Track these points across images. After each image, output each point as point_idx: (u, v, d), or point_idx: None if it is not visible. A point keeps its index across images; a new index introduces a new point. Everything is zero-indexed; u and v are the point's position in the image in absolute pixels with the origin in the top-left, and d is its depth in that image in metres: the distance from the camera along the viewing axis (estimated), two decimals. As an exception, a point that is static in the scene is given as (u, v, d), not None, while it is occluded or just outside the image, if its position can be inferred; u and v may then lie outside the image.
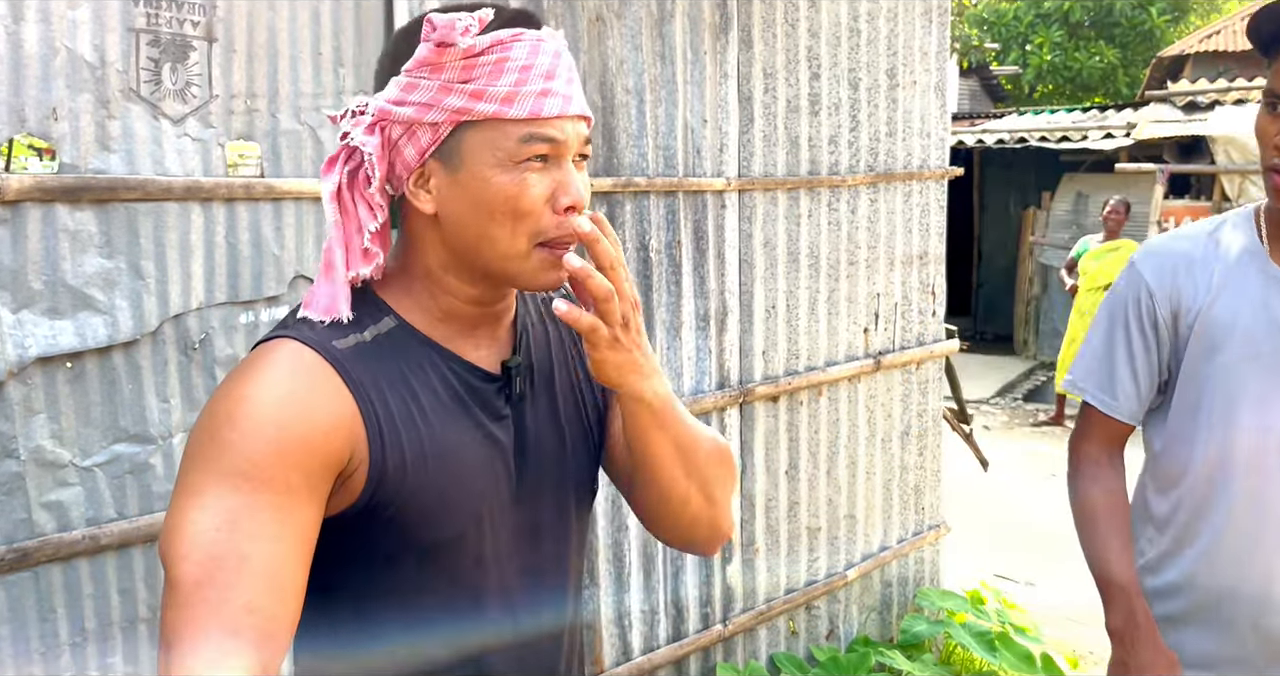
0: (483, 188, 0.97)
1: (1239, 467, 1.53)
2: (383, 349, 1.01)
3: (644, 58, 2.68)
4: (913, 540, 3.81)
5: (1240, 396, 1.52)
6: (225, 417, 0.92)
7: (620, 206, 2.67)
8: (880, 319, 3.54)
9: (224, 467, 0.90)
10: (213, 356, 1.98)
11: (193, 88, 1.91)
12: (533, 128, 0.96)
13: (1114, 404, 1.64)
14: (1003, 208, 12.82)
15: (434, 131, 0.96)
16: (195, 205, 1.93)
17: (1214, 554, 1.56)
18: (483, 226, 0.98)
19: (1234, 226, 1.58)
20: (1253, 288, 1.51)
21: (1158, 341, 1.59)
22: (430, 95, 0.95)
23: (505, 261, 1.00)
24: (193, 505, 0.89)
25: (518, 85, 0.95)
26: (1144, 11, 18.21)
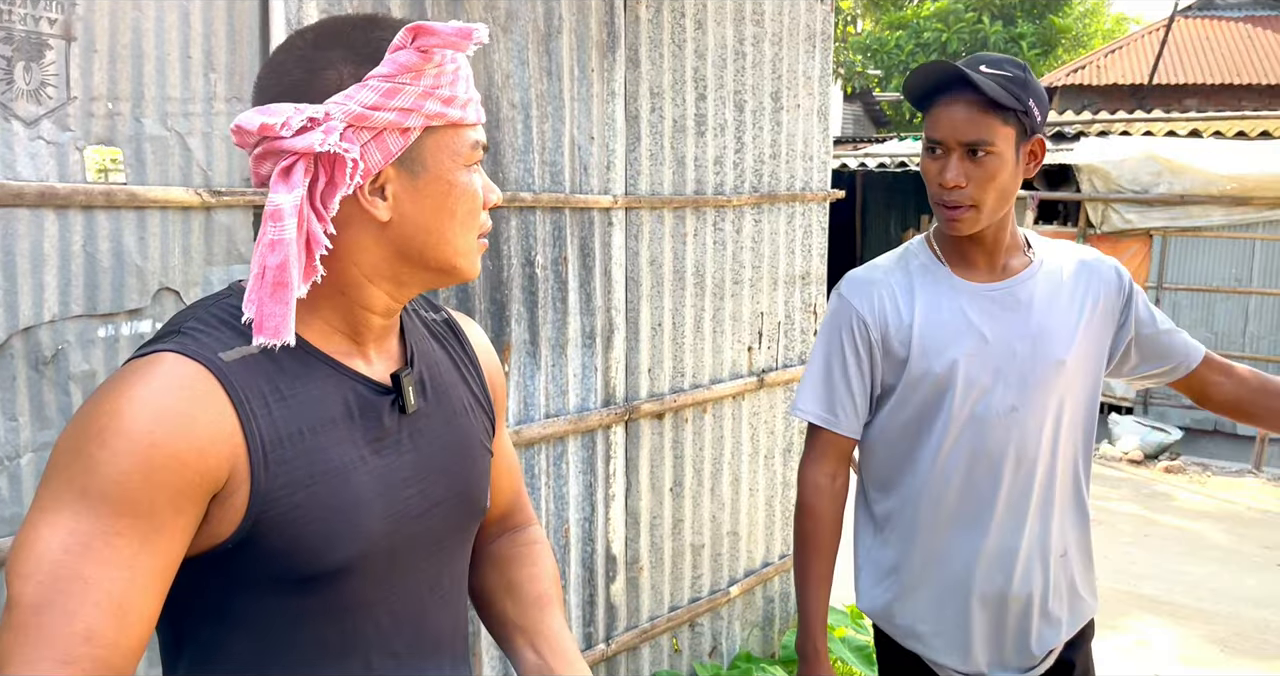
0: (447, 190, 1.00)
1: (961, 458, 1.77)
2: (271, 362, 0.97)
3: (530, 73, 2.66)
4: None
5: (953, 397, 1.74)
6: (93, 432, 0.87)
7: (505, 221, 2.64)
8: (764, 337, 3.59)
9: (85, 486, 0.86)
10: (67, 372, 1.87)
11: (48, 88, 1.81)
12: (477, 134, 1.03)
13: (835, 421, 1.83)
14: (884, 229, 13.22)
15: (405, 137, 0.97)
16: (49, 212, 1.82)
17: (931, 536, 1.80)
18: (443, 228, 1.01)
19: (915, 254, 1.84)
20: (948, 300, 1.77)
21: (870, 362, 1.81)
22: (413, 101, 0.96)
23: (453, 256, 1.03)
24: (45, 521, 0.85)
25: (466, 92, 1.00)
26: (1016, 45, 19.06)
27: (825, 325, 1.87)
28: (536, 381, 2.79)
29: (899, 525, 1.85)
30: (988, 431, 1.75)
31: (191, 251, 2.04)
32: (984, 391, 1.74)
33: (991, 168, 1.64)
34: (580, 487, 2.97)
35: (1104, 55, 15.81)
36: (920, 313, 1.77)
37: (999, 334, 1.74)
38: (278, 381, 0.97)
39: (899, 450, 1.82)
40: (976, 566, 1.79)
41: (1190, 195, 8.30)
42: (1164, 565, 5.48)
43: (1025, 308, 1.76)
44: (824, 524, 1.84)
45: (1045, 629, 1.82)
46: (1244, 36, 15.62)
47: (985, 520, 1.77)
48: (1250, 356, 8.37)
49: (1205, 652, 4.39)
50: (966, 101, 1.63)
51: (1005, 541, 1.78)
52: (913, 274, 1.81)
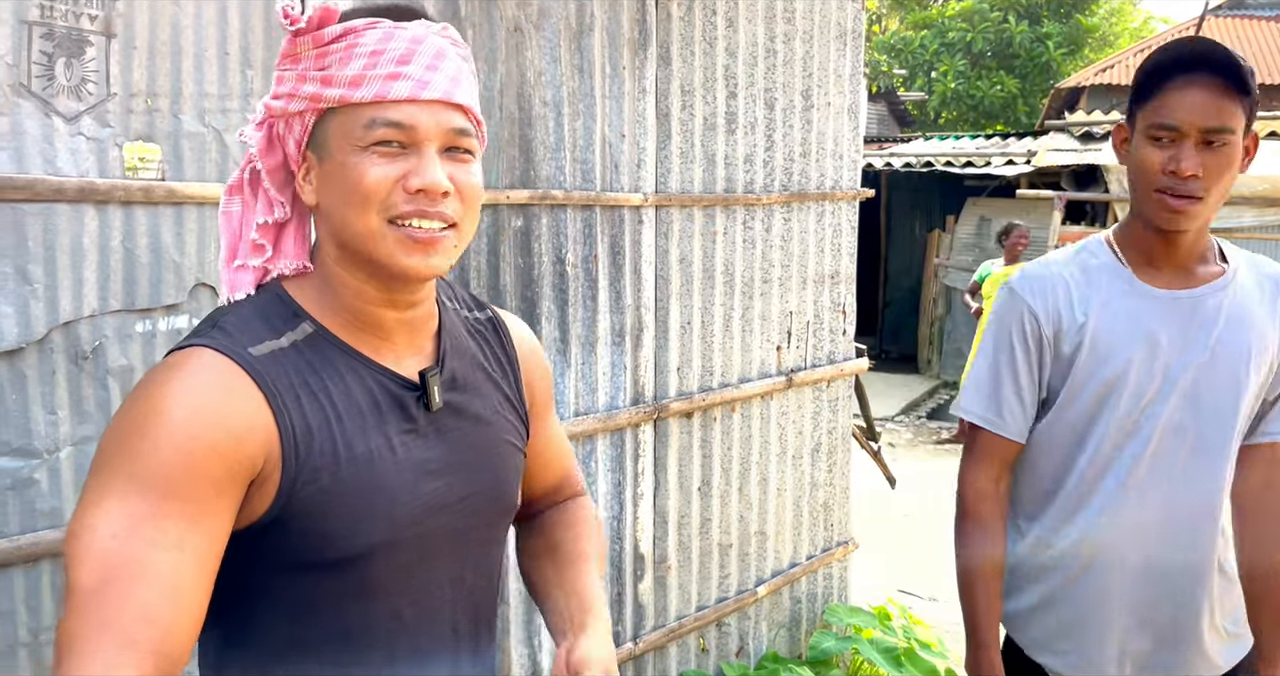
0: (341, 173, 0.99)
1: (1115, 475, 1.66)
2: (300, 356, 1.01)
3: (562, 70, 2.66)
4: (821, 556, 3.84)
5: (1119, 404, 1.64)
6: (135, 427, 0.91)
7: (537, 219, 2.64)
8: (792, 337, 3.57)
9: (130, 475, 0.89)
10: (105, 366, 1.88)
11: (89, 84, 1.82)
12: (377, 112, 0.97)
13: (1000, 423, 1.73)
14: (909, 230, 13.14)
15: (301, 121, 1.00)
16: (89, 207, 1.84)
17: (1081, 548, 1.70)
18: (342, 211, 1.00)
19: (1093, 253, 1.72)
20: (1127, 304, 1.65)
21: (1040, 361, 1.70)
22: (290, 85, 0.99)
23: (363, 241, 1.00)
24: (95, 511, 0.88)
25: (365, 69, 0.97)
26: (1041, 45, 18.92)
27: (993, 321, 1.76)
28: (567, 379, 2.79)
29: (1047, 532, 1.74)
30: (1151, 442, 1.64)
31: (228, 247, 2.04)
32: (1150, 401, 1.63)
33: (1228, 157, 1.52)
34: (609, 486, 2.96)
35: (1133, 55, 15.66)
36: (1095, 313, 1.65)
37: (1176, 343, 1.62)
38: (306, 375, 1.00)
39: (1056, 457, 1.72)
40: (1127, 585, 1.68)
41: (1221, 196, 8.21)
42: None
43: (1210, 320, 1.63)
44: (990, 531, 1.74)
45: (1195, 657, 1.70)
46: (1275, 36, 15.43)
47: (1140, 536, 1.66)
48: None
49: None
50: (1211, 84, 1.49)
51: (1158, 560, 1.66)
52: (1090, 272, 1.69)
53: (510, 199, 2.54)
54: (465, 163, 1.02)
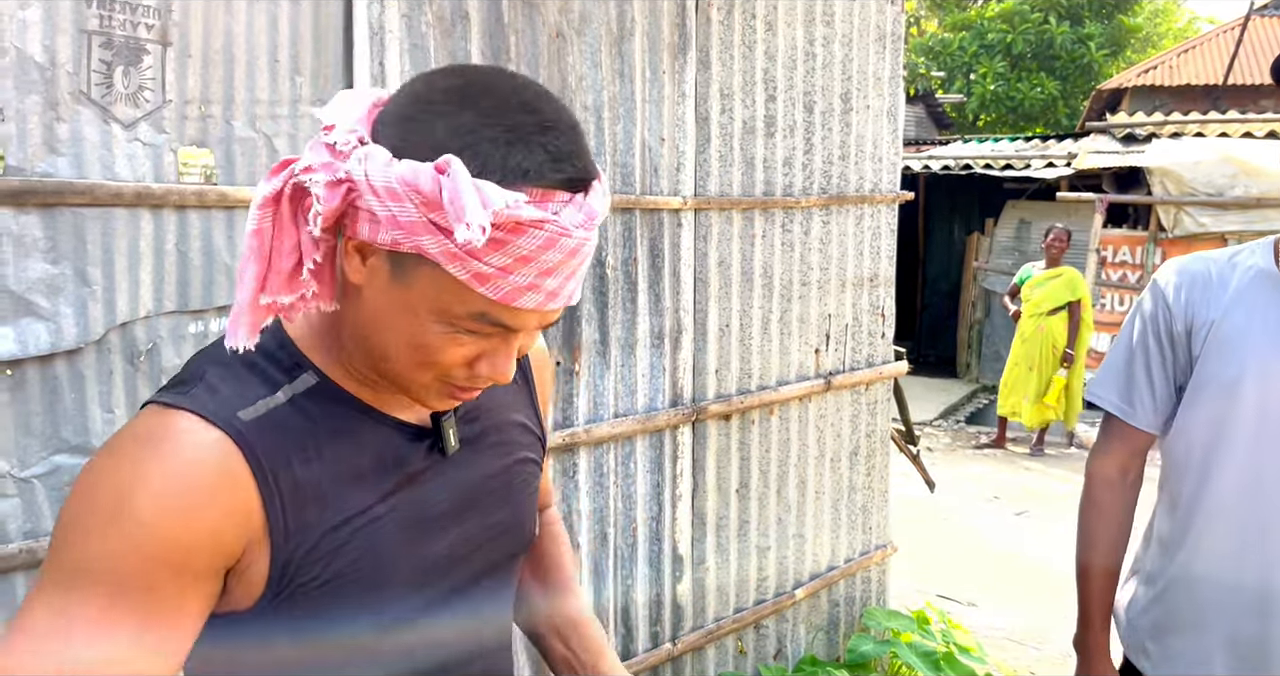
0: (410, 318, 0.85)
1: (1232, 486, 1.59)
2: (298, 412, 0.90)
3: (603, 75, 2.69)
4: (860, 560, 3.83)
5: (1240, 414, 1.58)
6: (98, 508, 0.81)
7: (577, 222, 2.66)
8: (831, 340, 3.57)
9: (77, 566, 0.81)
10: (159, 366, 1.93)
11: (145, 92, 1.87)
12: (491, 310, 0.83)
13: (1130, 411, 1.71)
14: (947, 233, 13.06)
15: (395, 243, 0.81)
16: (145, 211, 1.89)
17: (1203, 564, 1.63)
18: (388, 343, 0.88)
19: (1252, 252, 1.66)
20: (1265, 306, 1.58)
21: (1174, 354, 1.67)
22: (409, 221, 0.79)
23: (398, 379, 0.91)
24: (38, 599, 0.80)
25: (504, 271, 0.80)
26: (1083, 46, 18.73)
27: (1134, 310, 1.74)
28: (606, 381, 2.81)
29: (1169, 548, 1.69)
30: (1267, 461, 1.56)
31: (277, 250, 2.09)
32: (1272, 416, 1.56)
33: None
34: (648, 487, 2.98)
35: (1176, 55, 15.46)
36: (1229, 312, 1.60)
37: None
38: (303, 437, 0.90)
39: (1191, 461, 1.66)
40: (1244, 615, 1.60)
41: (1267, 198, 8.08)
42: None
43: None
44: (1109, 520, 1.73)
45: None
46: (1323, 35, 15.17)
47: (1262, 562, 1.58)
48: (1330, 364, 8.12)
49: None
50: None
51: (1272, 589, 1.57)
52: (1240, 272, 1.64)
53: (552, 202, 2.56)
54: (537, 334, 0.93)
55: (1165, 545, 1.71)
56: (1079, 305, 7.65)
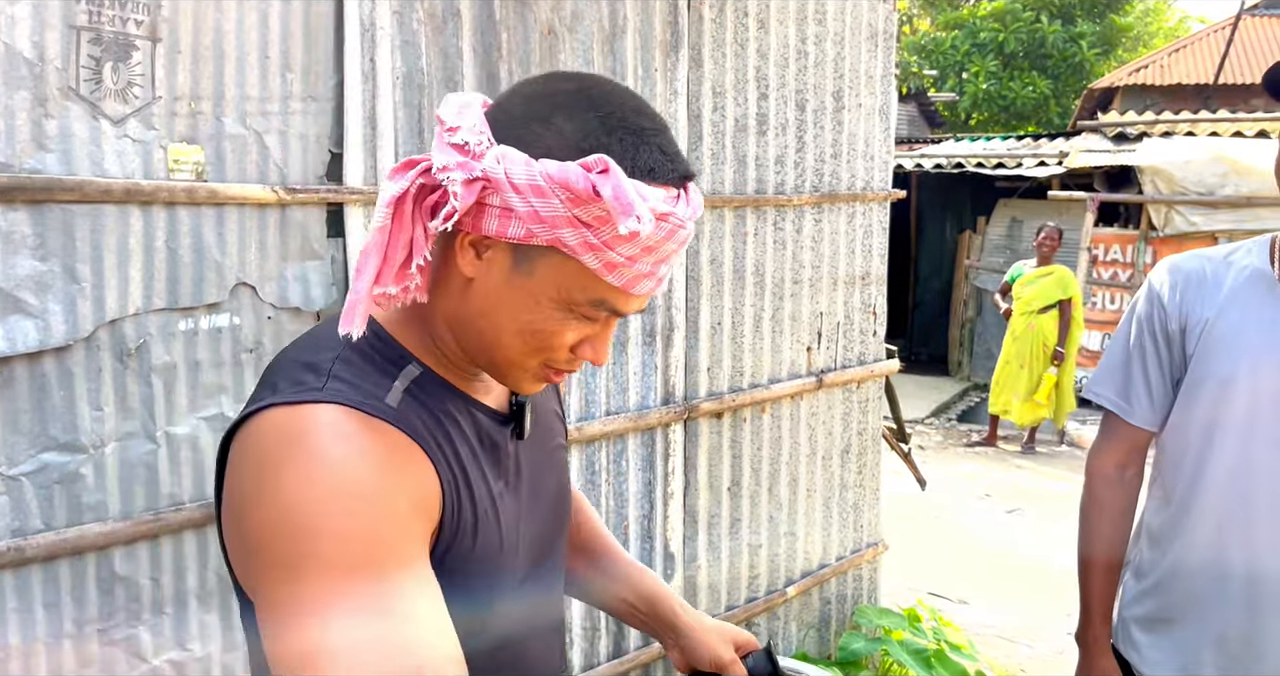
0: (530, 305, 0.92)
1: (1222, 482, 1.61)
2: (417, 401, 0.95)
3: (595, 72, 2.68)
4: (851, 558, 3.84)
5: (1232, 411, 1.60)
6: (320, 509, 0.82)
7: (569, 220, 2.66)
8: (823, 338, 3.58)
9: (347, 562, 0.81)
10: (149, 364, 1.92)
11: (135, 88, 1.86)
12: (611, 297, 0.91)
13: (1128, 408, 1.73)
14: (939, 231, 13.08)
15: (528, 236, 0.87)
16: (134, 208, 1.88)
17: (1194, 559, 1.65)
18: (502, 330, 0.94)
19: (1248, 251, 1.68)
20: (1259, 306, 1.60)
21: (1169, 352, 1.68)
22: (552, 216, 0.86)
23: (503, 365, 0.97)
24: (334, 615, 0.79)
25: (631, 261, 0.89)
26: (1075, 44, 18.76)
27: (1131, 308, 1.77)
28: (598, 379, 2.81)
29: (1161, 541, 1.71)
30: (1259, 459, 1.58)
31: (268, 247, 2.08)
32: (1265, 414, 1.57)
33: None
34: (640, 485, 2.98)
35: (1167, 55, 15.49)
36: (1224, 311, 1.62)
37: None
38: (429, 422, 0.95)
39: (1180, 460, 1.68)
40: (1229, 610, 1.61)
41: (1258, 197, 8.11)
42: None
43: None
44: (1108, 515, 1.75)
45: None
46: (1313, 35, 15.22)
47: (1242, 558, 1.60)
48: (1319, 362, 8.15)
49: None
50: None
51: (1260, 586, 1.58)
52: (1235, 271, 1.65)
53: (543, 200, 2.56)
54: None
55: (1156, 539, 1.72)
56: (1070, 303, 7.67)
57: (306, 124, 2.13)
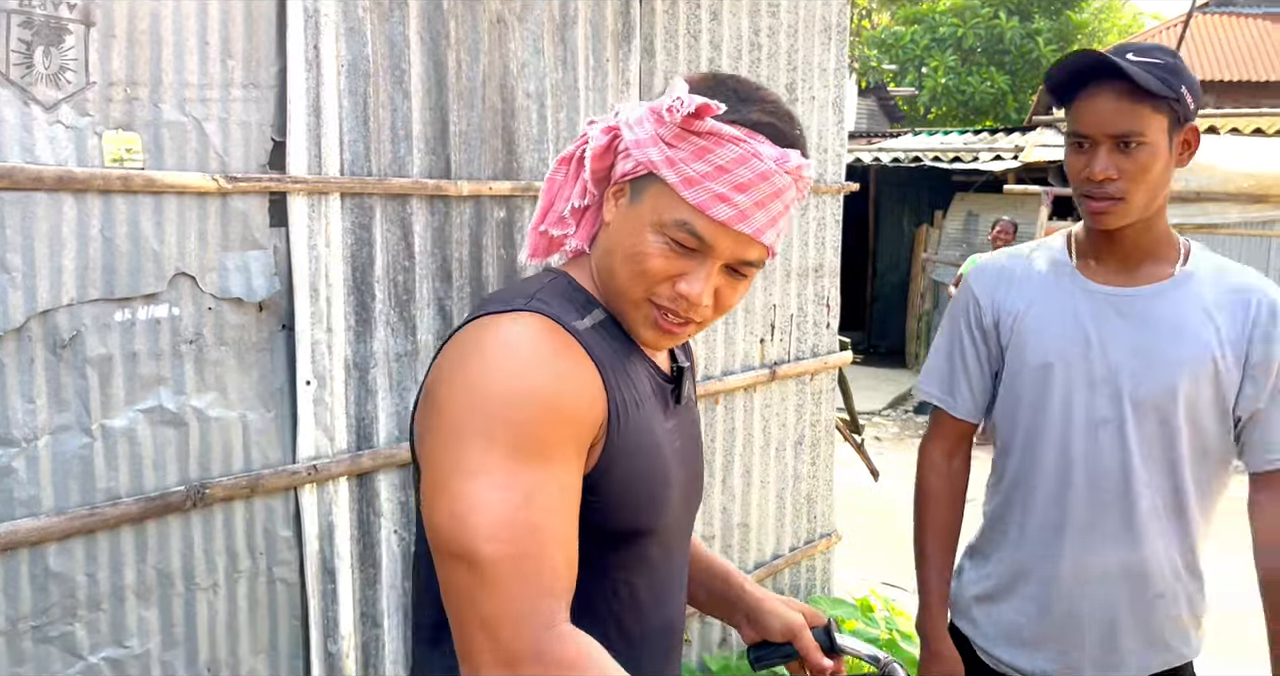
0: (633, 232, 1.05)
1: (1050, 464, 1.70)
2: (602, 336, 1.07)
3: (545, 62, 2.66)
4: (805, 548, 3.86)
5: (1049, 397, 1.69)
6: (498, 393, 0.95)
7: (520, 211, 2.64)
8: (776, 330, 3.58)
9: (509, 444, 0.93)
10: (84, 356, 1.88)
11: (68, 73, 1.82)
12: (691, 217, 1.02)
13: (952, 402, 1.83)
14: (897, 225, 13.17)
15: (635, 165, 1.05)
16: (68, 196, 1.84)
17: (1021, 543, 1.75)
18: (616, 261, 1.07)
19: (1049, 247, 1.79)
20: (1063, 298, 1.70)
21: (986, 346, 1.78)
22: (644, 137, 1.04)
23: (620, 295, 1.08)
24: (483, 484, 0.92)
25: (705, 178, 1.01)
26: (1032, 41, 18.94)
27: (949, 306, 1.86)
28: (549, 371, 2.79)
29: (994, 523, 1.80)
30: (1075, 440, 1.67)
31: (208, 236, 2.05)
32: (1077, 398, 1.66)
33: (1143, 159, 1.55)
34: (591, 477, 2.97)
35: (1121, 51, 15.68)
36: (1032, 303, 1.71)
37: (1106, 341, 1.65)
38: (611, 356, 1.07)
39: (1008, 445, 1.77)
40: (1054, 581, 1.71)
41: (1206, 192, 8.24)
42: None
43: (1145, 321, 1.64)
44: (936, 502, 1.82)
45: (1108, 658, 1.70)
46: (1262, 33, 15.50)
47: (1066, 533, 1.69)
48: (1265, 355, 8.32)
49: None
50: (1115, 91, 1.54)
51: (1081, 558, 1.68)
52: (1039, 266, 1.75)
53: (493, 190, 2.54)
54: (740, 280, 1.09)
55: (992, 521, 1.82)
56: (1024, 296, 7.75)
57: (248, 111, 2.10)
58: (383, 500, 2.41)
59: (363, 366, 2.33)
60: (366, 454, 2.34)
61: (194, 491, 2.04)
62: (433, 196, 2.43)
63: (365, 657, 2.41)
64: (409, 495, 2.47)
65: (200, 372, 2.06)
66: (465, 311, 2.53)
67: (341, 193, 2.24)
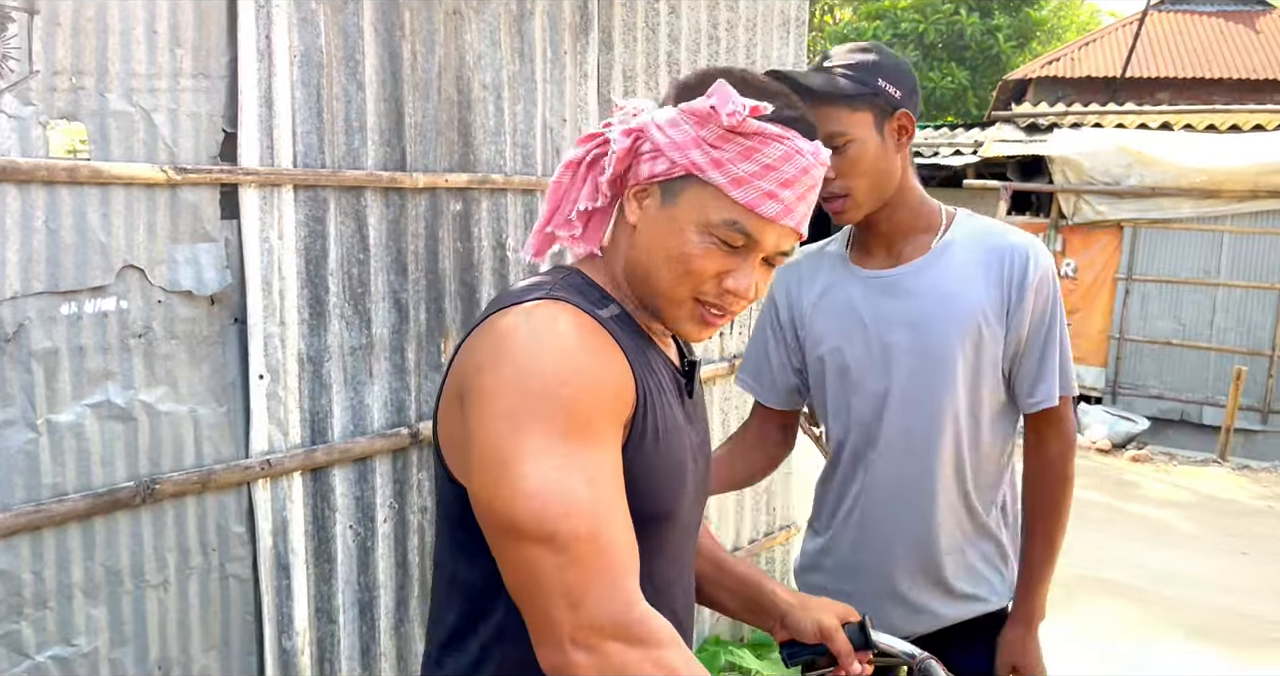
0: (674, 233, 1.08)
1: (847, 440, 1.83)
2: (622, 327, 1.10)
3: (502, 54, 2.65)
4: (764, 540, 3.88)
5: (841, 379, 1.80)
6: (549, 372, 0.97)
7: (476, 203, 2.63)
8: (734, 323, 3.59)
9: (566, 423, 0.95)
10: (28, 349, 1.85)
11: (10, 61, 1.78)
12: (740, 216, 1.06)
13: (761, 391, 1.96)
14: (859, 219, 13.24)
15: (670, 167, 1.07)
16: (10, 187, 1.80)
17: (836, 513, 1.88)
18: (656, 262, 1.09)
19: (834, 239, 1.91)
20: (841, 287, 1.81)
21: (786, 340, 1.90)
22: (682, 140, 1.06)
23: (659, 295, 1.11)
24: (549, 465, 0.94)
25: (753, 177, 1.04)
26: (992, 37, 19.12)
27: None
28: (507, 364, 2.78)
29: (822, 502, 1.93)
30: (861, 417, 1.79)
31: (156, 229, 2.02)
32: (859, 378, 1.78)
33: (853, 155, 1.65)
34: (550, 471, 2.96)
35: (1078, 48, 15.89)
36: (820, 297, 1.83)
37: (879, 322, 1.76)
38: (633, 343, 1.10)
39: (830, 429, 1.88)
40: (862, 546, 1.84)
41: (1161, 187, 8.38)
42: (1129, 552, 5.55)
43: (911, 296, 1.74)
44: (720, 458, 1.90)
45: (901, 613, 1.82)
46: (1215, 31, 15.75)
47: (861, 502, 1.82)
48: (1217, 347, 8.48)
49: (1169, 637, 4.45)
50: (812, 99, 1.59)
51: (879, 523, 1.81)
52: (824, 259, 1.87)
53: (449, 182, 2.53)
54: (770, 269, 1.13)
55: (819, 503, 1.94)
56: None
57: (198, 102, 2.07)
58: (338, 495, 2.39)
59: (317, 360, 2.31)
60: (321, 448, 2.32)
61: (144, 487, 2.01)
62: (388, 189, 2.41)
63: (321, 653, 2.39)
64: (364, 490, 2.45)
65: (150, 367, 2.03)
66: (422, 305, 2.51)
67: (295, 185, 2.22)
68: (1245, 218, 8.28)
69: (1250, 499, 6.88)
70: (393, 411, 2.49)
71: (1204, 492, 6.97)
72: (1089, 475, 7.25)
